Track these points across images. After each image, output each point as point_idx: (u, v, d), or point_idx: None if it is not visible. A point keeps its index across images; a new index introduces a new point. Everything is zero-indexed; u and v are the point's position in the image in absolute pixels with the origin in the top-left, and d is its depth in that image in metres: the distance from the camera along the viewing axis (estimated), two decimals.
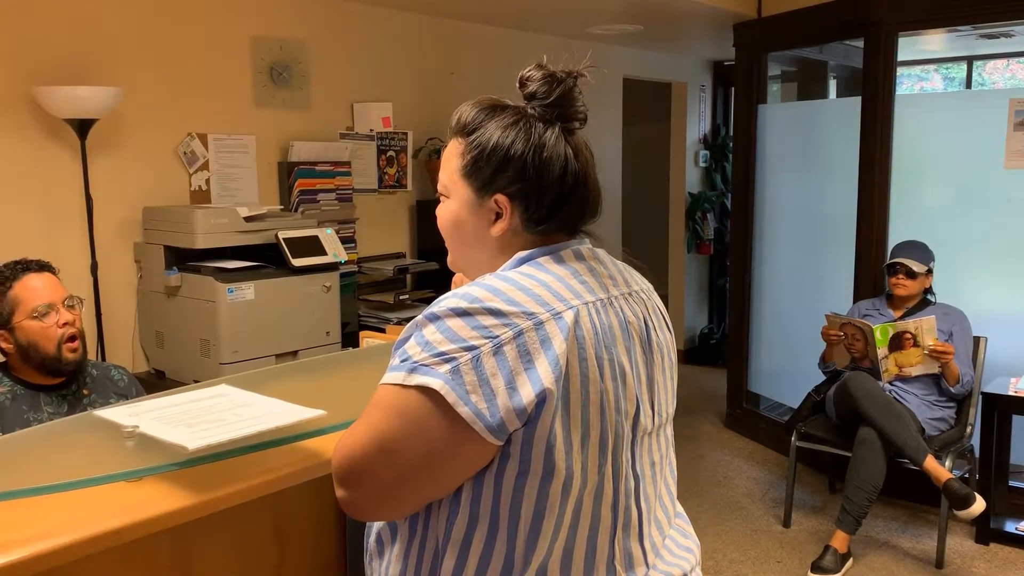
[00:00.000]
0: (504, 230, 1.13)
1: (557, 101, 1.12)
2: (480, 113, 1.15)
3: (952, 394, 3.56)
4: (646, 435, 1.15)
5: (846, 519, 3.33)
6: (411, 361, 1.01)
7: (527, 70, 1.14)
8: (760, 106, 4.88)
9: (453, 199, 1.17)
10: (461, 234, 1.17)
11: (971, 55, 7.07)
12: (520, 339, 1.00)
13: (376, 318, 3.85)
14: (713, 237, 6.68)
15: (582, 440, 1.04)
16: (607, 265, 1.17)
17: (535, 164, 1.10)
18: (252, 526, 1.42)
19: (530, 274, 1.08)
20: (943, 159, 4.11)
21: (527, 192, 1.11)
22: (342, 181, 3.99)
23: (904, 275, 3.67)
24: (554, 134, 1.12)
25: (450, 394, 0.98)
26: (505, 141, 1.11)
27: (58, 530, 1.12)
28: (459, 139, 1.16)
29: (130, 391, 2.29)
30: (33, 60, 3.08)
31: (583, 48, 5.34)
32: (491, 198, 1.13)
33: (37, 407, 2.14)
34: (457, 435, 1.00)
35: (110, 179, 3.31)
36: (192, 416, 1.38)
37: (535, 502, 1.03)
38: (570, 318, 1.03)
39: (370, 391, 1.08)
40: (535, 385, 0.99)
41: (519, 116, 1.13)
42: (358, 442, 1.04)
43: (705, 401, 5.62)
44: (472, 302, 1.02)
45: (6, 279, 2.15)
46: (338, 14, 4.04)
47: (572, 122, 1.14)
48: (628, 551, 1.13)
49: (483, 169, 1.12)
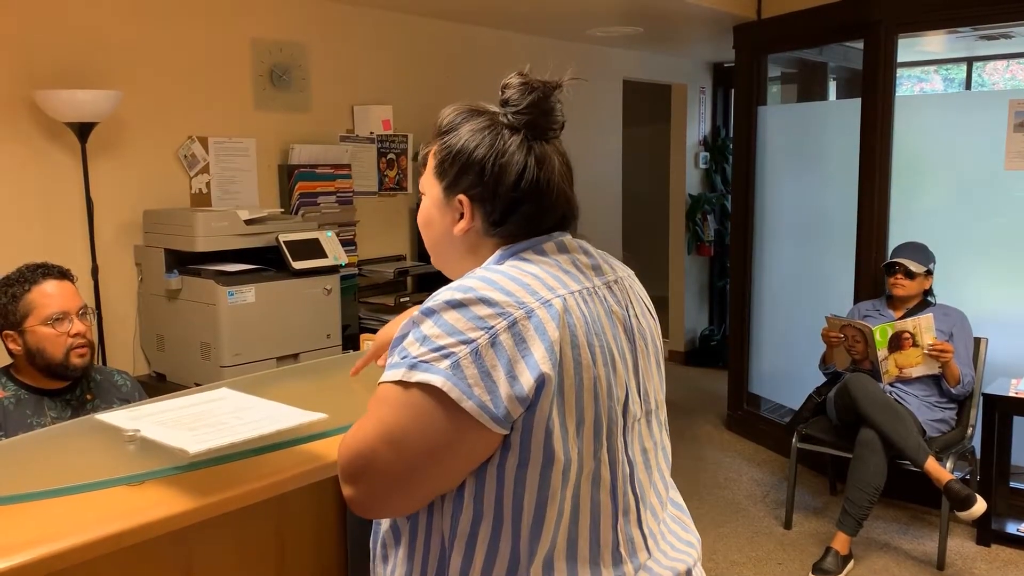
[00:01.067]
0: (465, 230, 1.16)
1: (528, 109, 1.14)
2: (457, 117, 1.19)
3: (953, 395, 3.56)
4: (636, 421, 1.17)
5: (847, 520, 3.33)
6: (410, 358, 1.03)
7: (509, 76, 1.18)
8: (760, 107, 4.89)
9: (427, 197, 1.22)
10: (432, 232, 1.22)
11: (971, 56, 7.08)
12: (515, 328, 1.02)
13: (377, 320, 3.85)
14: (713, 238, 6.68)
15: (577, 426, 1.06)
16: (591, 254, 1.19)
17: (492, 169, 1.13)
18: (253, 529, 1.42)
19: (517, 266, 1.11)
20: (943, 160, 4.11)
21: (484, 195, 1.15)
22: (342, 184, 3.99)
23: (903, 275, 3.67)
24: (516, 141, 1.14)
25: (453, 390, 1.00)
26: (470, 145, 1.15)
27: (60, 534, 1.12)
28: (436, 140, 1.20)
29: (133, 396, 2.30)
30: (34, 64, 3.08)
31: (583, 50, 5.36)
32: (455, 198, 1.16)
33: (41, 411, 2.15)
34: (463, 427, 1.01)
35: (111, 182, 3.31)
36: (193, 420, 1.38)
37: (537, 491, 1.05)
38: (559, 305, 1.06)
39: (371, 394, 1.09)
40: (533, 371, 1.01)
41: (491, 122, 1.16)
42: (363, 439, 1.05)
43: (706, 403, 5.62)
44: (467, 292, 1.04)
45: (26, 281, 2.16)
46: (338, 17, 4.05)
47: (544, 131, 1.16)
48: (630, 537, 1.14)
49: (449, 170, 1.17)
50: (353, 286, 3.90)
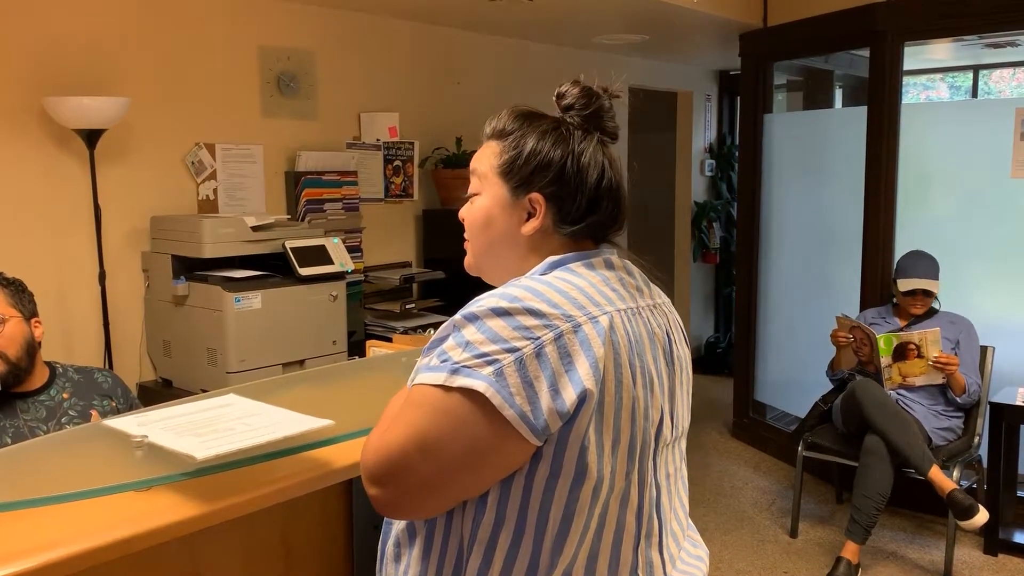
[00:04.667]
0: (535, 229, 1.16)
1: (594, 114, 1.17)
2: (518, 119, 1.19)
3: (959, 404, 3.55)
4: (665, 446, 1.16)
5: (855, 529, 3.31)
6: (452, 362, 1.01)
7: (563, 86, 1.19)
8: (766, 115, 4.89)
9: (486, 196, 1.19)
10: (490, 232, 1.19)
11: (977, 64, 7.07)
12: (560, 341, 1.01)
13: (382, 327, 3.86)
14: (719, 246, 6.68)
15: (613, 445, 1.05)
16: (635, 276, 1.19)
17: (574, 168, 1.15)
18: (260, 535, 1.43)
19: (564, 278, 1.09)
20: (949, 168, 4.10)
21: (563, 194, 1.15)
22: (349, 190, 4.00)
23: (922, 296, 3.65)
24: (593, 142, 1.17)
25: (495, 396, 0.99)
26: (544, 145, 1.15)
27: (67, 540, 1.12)
28: (496, 141, 1.19)
29: (115, 391, 2.31)
30: (43, 71, 3.10)
31: (589, 58, 5.37)
32: (526, 196, 1.16)
33: (13, 414, 2.15)
34: (500, 435, 1.00)
35: (118, 188, 3.32)
36: (200, 426, 1.38)
37: (564, 505, 1.04)
38: (606, 323, 1.05)
39: (377, 400, 1.08)
40: (576, 387, 1.00)
41: (558, 123, 1.17)
42: (395, 440, 1.03)
43: (711, 410, 5.61)
44: (512, 301, 1.03)
45: None
46: (345, 24, 4.06)
47: (605, 136, 1.19)
48: (649, 560, 1.14)
49: (522, 168, 1.16)
50: (359, 292, 3.91)
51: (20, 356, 2.17)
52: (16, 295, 2.24)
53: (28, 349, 2.19)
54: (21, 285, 2.28)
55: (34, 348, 2.23)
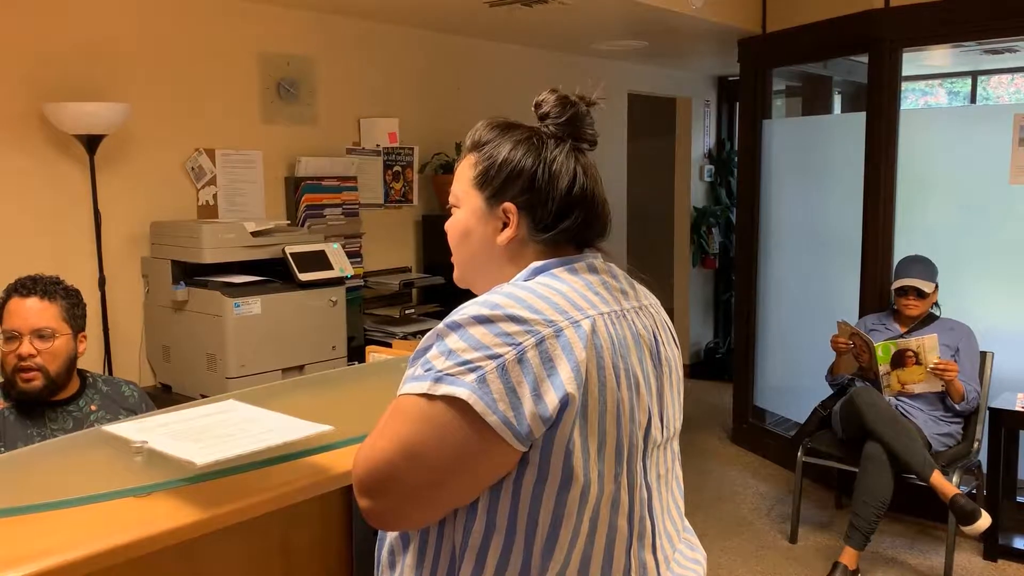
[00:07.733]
0: (510, 238, 1.16)
1: (569, 121, 1.17)
2: (493, 130, 1.20)
3: (958, 410, 3.55)
4: (655, 448, 1.16)
5: (854, 535, 3.31)
6: (435, 371, 1.02)
7: (542, 94, 1.19)
8: (764, 121, 4.90)
9: (463, 209, 1.21)
10: (469, 244, 1.20)
11: (975, 70, 7.08)
12: (542, 346, 1.02)
13: (382, 332, 3.86)
14: (718, 251, 6.68)
15: (599, 448, 1.06)
16: (619, 279, 1.19)
17: (545, 176, 1.15)
18: (260, 541, 1.43)
19: (547, 283, 1.10)
20: (948, 174, 4.11)
21: (535, 202, 1.15)
22: (348, 196, 4.00)
23: (914, 295, 3.66)
24: (564, 150, 1.17)
25: (478, 403, 0.99)
26: (516, 154, 1.16)
27: (67, 546, 1.12)
28: (473, 153, 1.20)
29: (140, 407, 2.28)
30: (43, 77, 3.10)
31: (588, 64, 5.38)
32: (499, 207, 1.16)
33: (41, 423, 2.14)
34: (485, 442, 1.00)
35: (118, 194, 3.33)
36: (200, 431, 1.38)
37: (552, 510, 1.04)
38: (588, 326, 1.05)
39: (377, 405, 1.09)
40: (558, 391, 1.01)
41: (531, 133, 1.18)
42: (382, 450, 1.04)
43: (711, 416, 5.60)
44: (494, 309, 1.04)
45: (6, 293, 2.16)
46: (345, 30, 4.07)
47: (582, 143, 1.19)
48: (643, 562, 1.14)
49: (494, 179, 1.17)
50: (359, 298, 3.91)
51: (60, 373, 2.14)
52: (70, 309, 2.19)
53: (69, 365, 2.17)
54: (77, 298, 2.23)
55: (74, 364, 2.21)
